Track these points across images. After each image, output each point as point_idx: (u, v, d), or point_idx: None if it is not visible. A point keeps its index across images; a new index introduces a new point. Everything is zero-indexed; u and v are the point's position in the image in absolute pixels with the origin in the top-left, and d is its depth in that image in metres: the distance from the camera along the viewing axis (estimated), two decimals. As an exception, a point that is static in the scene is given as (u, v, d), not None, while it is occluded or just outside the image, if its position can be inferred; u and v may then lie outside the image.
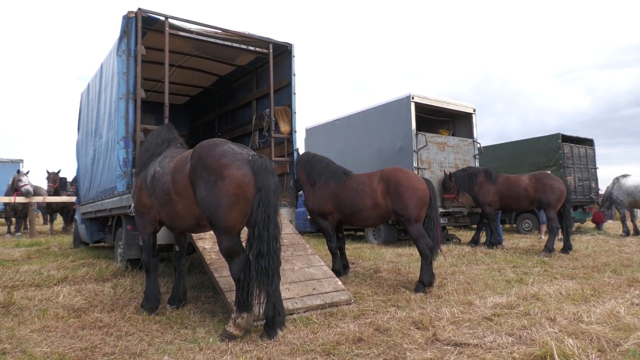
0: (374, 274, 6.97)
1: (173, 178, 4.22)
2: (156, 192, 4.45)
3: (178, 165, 4.24)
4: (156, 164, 4.63)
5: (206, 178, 3.83)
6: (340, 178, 6.46)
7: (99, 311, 4.75)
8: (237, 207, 3.75)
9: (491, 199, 10.22)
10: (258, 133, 9.13)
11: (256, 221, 3.71)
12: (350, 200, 6.20)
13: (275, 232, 3.76)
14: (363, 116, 12.83)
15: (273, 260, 3.72)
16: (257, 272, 3.68)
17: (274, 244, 3.74)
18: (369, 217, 6.15)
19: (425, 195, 5.84)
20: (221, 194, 3.74)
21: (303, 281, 5.07)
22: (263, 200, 3.74)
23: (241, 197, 3.75)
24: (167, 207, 4.36)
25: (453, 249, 9.68)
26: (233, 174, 3.76)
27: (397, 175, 5.97)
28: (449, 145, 11.78)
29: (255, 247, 3.70)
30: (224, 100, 10.76)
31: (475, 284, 6.04)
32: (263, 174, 3.81)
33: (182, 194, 4.14)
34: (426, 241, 5.70)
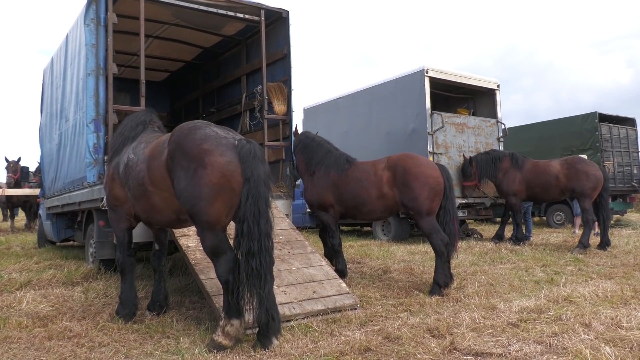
0: (383, 275, 6.99)
1: (148, 166, 4.21)
2: (129, 183, 4.45)
3: (154, 151, 4.23)
4: (130, 150, 4.62)
5: (185, 166, 3.82)
6: (342, 166, 6.47)
7: (68, 319, 4.77)
8: (220, 199, 3.75)
9: (517, 187, 10.22)
10: (249, 114, 9.11)
11: (245, 216, 3.72)
12: (353, 191, 6.22)
13: (266, 228, 3.76)
14: (370, 94, 12.78)
15: (265, 260, 3.72)
16: (247, 274, 3.68)
17: (266, 242, 3.74)
18: (374, 210, 6.17)
19: (439, 184, 5.84)
20: (202, 184, 3.73)
21: (302, 283, 5.08)
22: (252, 192, 3.74)
23: (225, 187, 3.74)
24: (143, 200, 4.36)
25: (474, 245, 9.71)
26: (216, 161, 3.75)
27: (406, 162, 5.97)
28: (468, 126, 11.76)
29: (245, 245, 3.70)
30: (209, 76, 10.71)
31: (499, 285, 6.06)
32: (251, 161, 3.79)
33: (158, 185, 4.14)
34: (440, 236, 5.72)
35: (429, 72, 11.17)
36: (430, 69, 11.22)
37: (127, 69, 10.64)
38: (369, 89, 12.86)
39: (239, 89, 9.55)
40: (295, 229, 6.31)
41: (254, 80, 9.02)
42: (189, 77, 11.61)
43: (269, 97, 7.86)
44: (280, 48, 7.98)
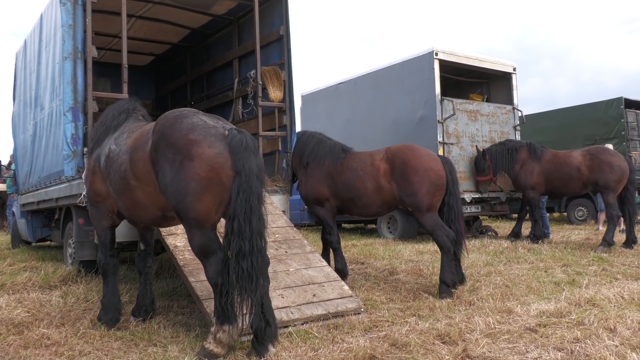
0: (389, 277, 7.00)
1: (131, 158, 4.21)
2: (111, 176, 4.45)
3: (137, 142, 4.22)
4: (111, 141, 4.62)
5: (171, 158, 3.81)
6: (337, 155, 6.52)
7: (45, 326, 4.77)
8: (209, 194, 3.75)
9: (535, 180, 10.22)
10: (241, 101, 9.08)
11: (235, 213, 3.71)
12: (348, 182, 6.27)
13: (259, 226, 3.75)
14: (374, 78, 12.75)
15: (257, 261, 3.72)
16: (237, 276, 3.68)
17: (258, 241, 3.74)
18: (371, 204, 6.21)
19: (440, 177, 5.86)
20: (189, 178, 3.72)
21: (300, 286, 5.08)
22: (243, 187, 3.73)
23: (214, 181, 3.73)
24: (125, 195, 4.35)
25: (488, 244, 9.72)
26: (204, 152, 3.74)
27: (405, 154, 5.99)
28: (482, 113, 11.75)
29: (235, 244, 3.69)
30: (198, 59, 10.67)
31: (515, 287, 6.07)
32: (243, 153, 3.78)
33: (142, 179, 4.13)
34: (445, 231, 5.74)
35: (438, 54, 11.14)
36: (440, 51, 11.19)
37: (107, 52, 10.61)
38: (373, 73, 12.83)
39: (230, 74, 9.51)
40: (292, 227, 6.31)
41: (247, 64, 8.98)
42: (175, 61, 11.56)
43: (263, 83, 7.83)
44: (276, 28, 7.95)
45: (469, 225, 12.13)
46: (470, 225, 12.12)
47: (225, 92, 9.60)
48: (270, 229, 4.05)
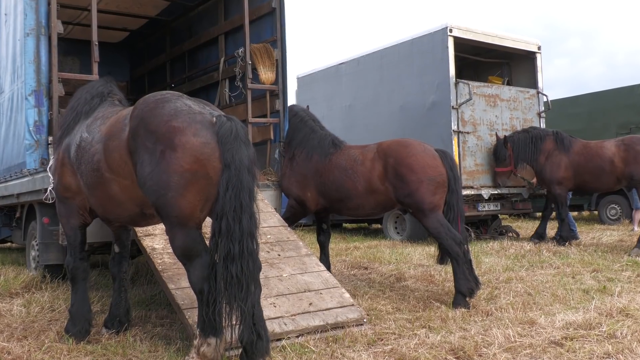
0: (396, 283, 7.02)
1: (105, 147, 4.20)
2: (82, 168, 4.44)
3: (112, 129, 4.22)
4: (83, 129, 4.61)
5: (150, 147, 3.80)
6: (326, 150, 6.60)
7: (5, 339, 4.77)
8: (194, 189, 3.75)
9: (562, 174, 10.24)
10: (228, 83, 9.07)
11: (224, 211, 3.71)
12: (337, 182, 6.37)
13: (250, 226, 3.76)
14: (379, 58, 12.74)
15: (247, 266, 3.72)
16: (225, 282, 3.68)
17: (249, 243, 3.74)
18: (363, 206, 6.32)
19: (440, 174, 5.91)
20: (171, 171, 3.72)
21: (295, 293, 5.09)
22: (233, 181, 3.73)
23: (200, 175, 3.74)
24: (98, 190, 4.35)
25: (508, 246, 9.74)
26: (188, 142, 3.74)
27: (398, 151, 6.05)
28: (502, 98, 11.75)
29: (223, 246, 3.69)
30: (179, 36, 10.64)
31: (539, 295, 6.09)
32: (233, 143, 3.78)
33: (117, 170, 4.13)
34: (451, 234, 5.77)
35: (453, 30, 11.12)
36: (455, 27, 11.18)
37: (75, 27, 10.56)
38: (379, 52, 12.80)
39: (215, 52, 9.49)
40: (286, 227, 6.31)
41: (234, 41, 8.96)
42: (153, 38, 11.52)
43: (253, 62, 7.82)
44: (267, 0, 7.93)
45: (487, 225, 12.16)
46: (488, 225, 12.15)
47: (210, 73, 9.58)
48: (261, 229, 4.05)
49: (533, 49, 12.54)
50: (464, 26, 11.40)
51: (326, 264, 6.88)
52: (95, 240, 6.00)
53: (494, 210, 11.63)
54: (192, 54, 10.29)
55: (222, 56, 9.21)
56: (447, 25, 11.12)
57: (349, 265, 8.37)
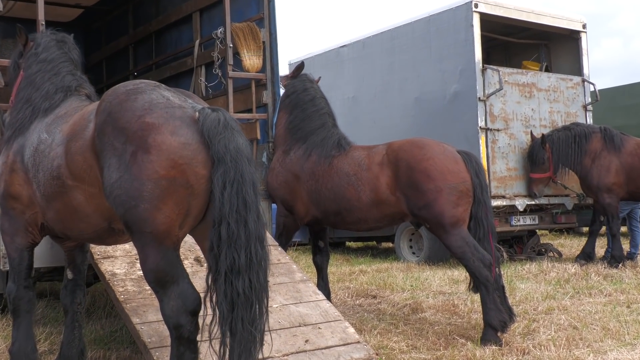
0: (412, 315, 7.01)
1: (67, 150, 4.18)
2: (40, 176, 4.42)
3: (75, 127, 4.20)
4: (42, 128, 4.59)
5: (119, 148, 3.77)
6: (328, 151, 6.57)
7: None
8: (171, 201, 3.71)
9: (612, 180, 10.25)
10: (205, 71, 9.07)
11: (222, 214, 3.66)
12: (336, 190, 6.34)
13: (257, 227, 3.71)
14: (389, 39, 12.75)
15: (259, 279, 3.69)
16: (230, 303, 3.63)
17: (258, 250, 3.70)
18: (366, 219, 6.31)
19: (463, 181, 5.88)
20: (144, 177, 3.69)
21: (288, 328, 5.07)
22: (231, 175, 3.68)
23: (178, 183, 3.70)
24: (58, 200, 4.32)
25: (548, 269, 9.73)
26: (165, 142, 3.71)
27: (411, 153, 6.03)
28: (540, 88, 11.76)
29: (225, 258, 3.65)
30: (144, 13, 10.65)
31: (587, 329, 6.07)
32: (222, 132, 3.74)
33: (81, 177, 4.10)
34: (479, 254, 5.73)
35: (479, 5, 11.14)
36: (482, 2, 11.19)
37: (17, 4, 10.56)
38: (388, 32, 12.82)
39: (189, 33, 9.50)
40: (277, 246, 6.31)
41: (211, 20, 8.98)
42: (112, 16, 11.53)
43: (234, 46, 7.83)
44: (252, -31, 7.97)
45: (523, 243, 12.14)
46: (524, 243, 12.13)
47: (182, 59, 9.58)
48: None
49: (577, 28, 12.54)
50: (492, 0, 11.41)
51: (325, 291, 6.84)
52: (43, 265, 5.96)
53: (530, 225, 11.61)
54: (160, 35, 10.30)
55: (196, 38, 9.22)
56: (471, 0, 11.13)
57: (354, 294, 8.36)
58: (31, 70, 5.10)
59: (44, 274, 6.82)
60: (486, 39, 11.98)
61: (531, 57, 13.24)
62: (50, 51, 5.19)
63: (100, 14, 11.68)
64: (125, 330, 6.06)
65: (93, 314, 7.24)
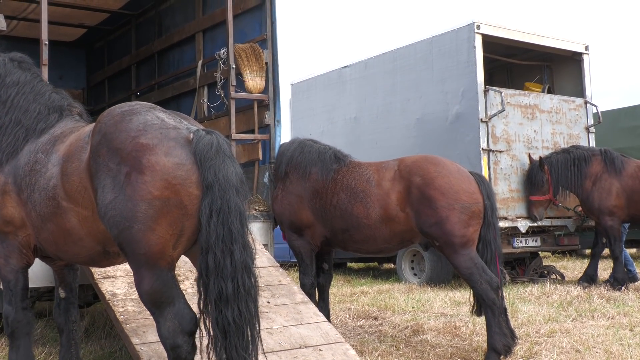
0: (413, 337, 6.99)
1: (63, 171, 4.20)
2: (35, 197, 4.43)
3: (72, 148, 4.23)
4: (37, 148, 4.60)
5: (114, 169, 3.80)
6: (329, 167, 6.56)
7: None
8: (165, 221, 3.73)
9: (613, 202, 10.25)
10: (207, 91, 9.10)
11: (209, 243, 3.71)
12: (342, 207, 6.31)
13: (244, 258, 3.75)
14: (392, 60, 12.80)
15: (248, 308, 3.72)
16: (223, 331, 3.65)
17: (245, 279, 3.73)
18: (375, 238, 6.26)
19: (476, 202, 5.89)
20: (137, 198, 3.71)
21: (288, 350, 5.07)
22: (217, 205, 3.72)
23: (172, 203, 3.72)
24: (52, 222, 4.33)
25: (551, 291, 9.70)
26: (158, 162, 3.74)
27: (426, 170, 6.03)
28: (542, 109, 11.79)
29: (214, 287, 3.68)
30: (147, 33, 10.70)
31: (589, 352, 6.05)
32: (215, 158, 3.78)
33: (76, 198, 4.12)
34: (487, 277, 5.73)
35: (481, 27, 11.19)
36: (484, 24, 11.25)
37: (21, 22, 10.63)
38: (391, 53, 12.87)
39: (191, 54, 9.54)
40: (278, 267, 6.32)
41: (213, 40, 9.02)
42: (115, 35, 11.58)
43: (237, 67, 7.86)
44: (255, -10, 8.02)
45: (525, 265, 12.12)
46: (526, 265, 12.10)
47: (185, 79, 9.61)
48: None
49: (579, 49, 12.59)
50: (495, 22, 11.48)
51: (326, 312, 6.83)
52: (43, 285, 5.96)
53: (533, 246, 11.59)
54: (163, 55, 10.34)
55: (199, 58, 9.26)
56: (474, 21, 11.18)
57: (355, 315, 8.33)
58: (5, 96, 5.01)
59: (43, 294, 6.82)
60: (488, 60, 12.02)
61: (534, 79, 13.27)
62: (15, 73, 5.12)
63: (103, 33, 11.74)
64: (125, 351, 6.05)
65: (92, 334, 7.22)
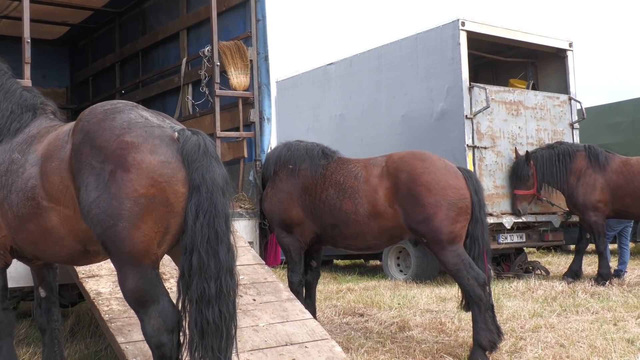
0: (399, 333, 7.02)
1: (42, 170, 4.19)
2: (12, 198, 4.41)
3: (51, 147, 4.22)
4: (13, 148, 4.58)
5: (97, 167, 3.80)
6: (317, 163, 6.59)
7: None
8: (150, 219, 3.74)
9: (597, 198, 10.31)
10: (191, 89, 9.08)
11: (194, 243, 3.73)
12: (331, 203, 6.34)
13: (227, 259, 3.79)
14: (377, 57, 12.82)
15: (228, 309, 3.75)
16: (201, 331, 3.68)
17: (227, 281, 3.77)
18: (364, 234, 6.28)
19: (463, 197, 5.92)
20: (123, 196, 3.71)
21: (274, 347, 5.07)
22: (204, 206, 3.75)
23: (158, 201, 3.74)
24: (32, 222, 4.31)
25: (536, 287, 9.76)
26: (144, 160, 3.74)
27: (413, 166, 6.05)
28: (527, 106, 11.85)
29: (196, 287, 3.71)
30: (131, 31, 10.67)
31: (574, 347, 6.09)
32: (202, 160, 3.81)
33: (57, 198, 4.11)
34: (474, 273, 5.76)
35: (465, 24, 11.22)
36: (469, 20, 11.28)
37: (3, 20, 10.57)
38: (376, 50, 12.89)
39: (176, 52, 9.52)
40: (264, 265, 6.32)
41: (198, 38, 9.01)
42: (99, 33, 11.54)
43: (221, 64, 7.85)
44: (240, -13, 8.01)
45: (510, 261, 12.17)
46: (511, 260, 12.16)
47: (169, 77, 9.60)
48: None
49: (563, 46, 12.64)
50: (479, 19, 11.50)
51: (312, 310, 6.84)
52: (27, 285, 5.93)
53: (518, 242, 11.65)
54: (147, 53, 10.31)
55: (184, 56, 9.24)
56: (458, 18, 11.20)
57: (341, 312, 8.35)
58: None
59: (27, 294, 6.79)
60: (473, 57, 12.06)
61: (518, 75, 13.31)
62: None
63: (87, 31, 11.69)
64: (110, 350, 6.04)
65: (77, 333, 7.19)
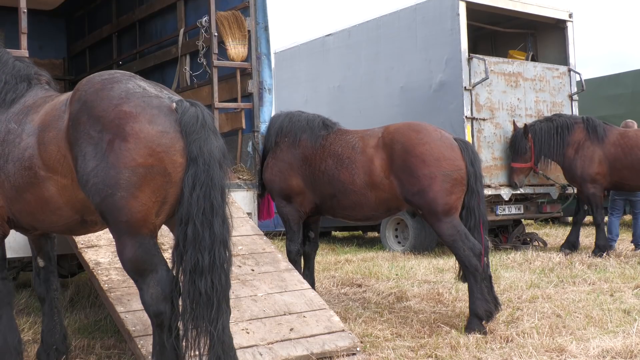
0: (397, 304, 7.06)
1: (40, 140, 4.19)
2: (9, 167, 4.40)
3: (48, 117, 4.21)
4: (10, 118, 4.57)
5: (95, 137, 3.80)
6: (317, 133, 6.60)
7: None
8: (148, 189, 3.76)
9: (595, 170, 10.31)
10: (189, 60, 9.04)
11: (190, 214, 3.75)
12: (330, 173, 6.36)
13: (222, 232, 3.81)
14: (375, 28, 12.74)
15: (220, 280, 3.77)
16: (192, 301, 3.72)
17: (221, 253, 3.79)
18: (361, 205, 6.30)
19: (458, 169, 5.91)
20: (121, 165, 3.72)
21: (273, 317, 5.11)
22: (201, 178, 3.77)
23: (156, 171, 3.75)
24: (29, 192, 4.32)
25: (533, 258, 9.80)
26: (142, 130, 3.75)
27: (408, 137, 6.05)
28: (526, 77, 11.80)
29: (190, 258, 3.73)
30: (128, 2, 10.58)
31: (570, 317, 6.14)
32: (200, 132, 3.82)
33: (55, 167, 4.11)
34: (469, 243, 5.79)
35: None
36: (468, -10, 11.21)
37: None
38: (374, 21, 12.81)
39: (173, 22, 9.45)
40: (262, 236, 6.33)
41: (195, 8, 8.93)
42: (96, 4, 11.45)
43: (219, 34, 7.81)
44: (237, -43, 7.95)
45: (508, 232, 12.21)
46: (509, 232, 12.19)
47: (167, 48, 9.53)
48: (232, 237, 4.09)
49: (563, 17, 12.57)
50: (478, -11, 11.42)
51: (311, 280, 6.89)
52: (26, 255, 5.95)
53: (515, 214, 11.68)
54: (145, 24, 10.24)
55: (181, 27, 9.17)
56: (457, -12, 11.13)
57: (339, 283, 8.39)
58: None
59: (27, 264, 6.81)
60: (473, 28, 11.99)
61: (518, 47, 13.24)
62: None
63: (84, 1, 11.58)
64: (110, 319, 6.07)
65: (77, 303, 7.23)
